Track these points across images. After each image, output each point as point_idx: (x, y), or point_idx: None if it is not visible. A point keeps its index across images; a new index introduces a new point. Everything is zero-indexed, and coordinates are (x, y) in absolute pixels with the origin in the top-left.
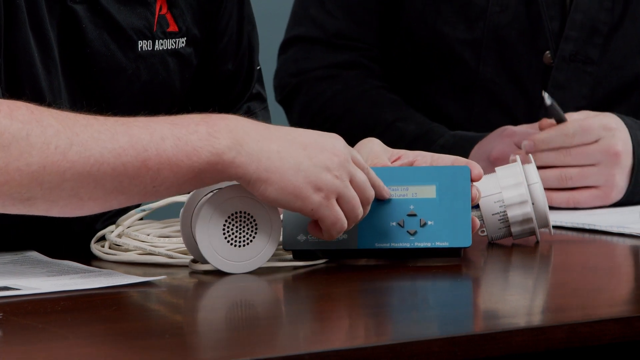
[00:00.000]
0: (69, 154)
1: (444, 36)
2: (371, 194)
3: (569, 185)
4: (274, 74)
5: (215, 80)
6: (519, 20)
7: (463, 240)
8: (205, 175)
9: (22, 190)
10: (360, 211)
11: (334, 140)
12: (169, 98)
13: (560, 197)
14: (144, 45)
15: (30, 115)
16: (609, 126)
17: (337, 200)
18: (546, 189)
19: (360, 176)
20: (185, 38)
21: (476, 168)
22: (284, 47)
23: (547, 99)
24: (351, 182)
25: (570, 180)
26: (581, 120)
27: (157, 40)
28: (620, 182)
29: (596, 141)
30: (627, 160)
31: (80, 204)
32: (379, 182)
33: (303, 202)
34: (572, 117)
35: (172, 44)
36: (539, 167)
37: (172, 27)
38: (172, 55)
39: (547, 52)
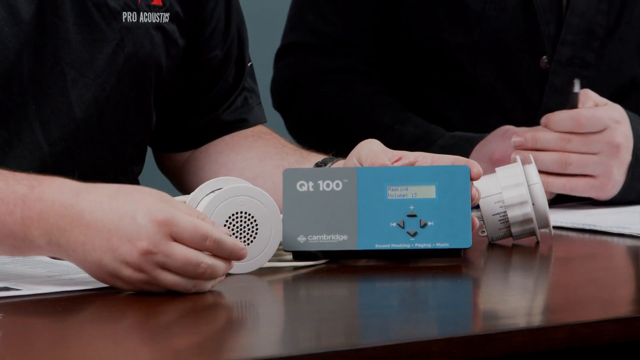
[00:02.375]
0: None
1: (441, 41)
2: (194, 271)
3: (568, 171)
4: (271, 81)
5: (205, 67)
6: (516, 25)
7: (463, 241)
8: (29, 252)
9: None
10: (187, 288)
11: (145, 227)
12: (155, 74)
13: (556, 182)
14: (128, 16)
15: None
16: (615, 118)
17: (154, 282)
18: (543, 173)
19: (174, 261)
20: (168, 14)
21: (475, 167)
22: (281, 54)
23: (577, 87)
24: (165, 267)
25: (570, 166)
26: (593, 109)
27: (141, 13)
28: (617, 176)
29: (600, 131)
30: (626, 154)
31: None
32: (228, 248)
33: (115, 286)
34: (583, 103)
35: (156, 18)
36: (540, 150)
37: (156, 1)
38: (157, 29)
39: (544, 57)
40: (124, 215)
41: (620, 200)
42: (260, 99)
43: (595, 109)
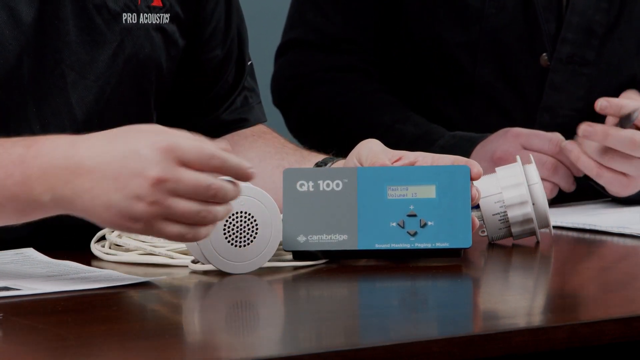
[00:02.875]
0: None
1: (441, 39)
2: (206, 194)
3: (635, 154)
4: (271, 78)
5: (206, 67)
6: (516, 23)
7: (463, 240)
8: (33, 214)
9: None
10: (202, 215)
11: (150, 157)
12: (155, 75)
13: (590, 164)
14: (128, 18)
15: None
16: None
17: (168, 219)
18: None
19: (185, 186)
20: (169, 14)
21: (475, 167)
22: (281, 51)
23: (636, 113)
24: (177, 194)
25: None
26: None
27: (141, 14)
28: None
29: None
30: None
31: None
32: (235, 167)
33: (128, 231)
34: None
35: (156, 19)
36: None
37: (156, 2)
38: (157, 30)
39: (544, 54)
40: (126, 152)
41: (632, 201)
42: (260, 97)
43: None
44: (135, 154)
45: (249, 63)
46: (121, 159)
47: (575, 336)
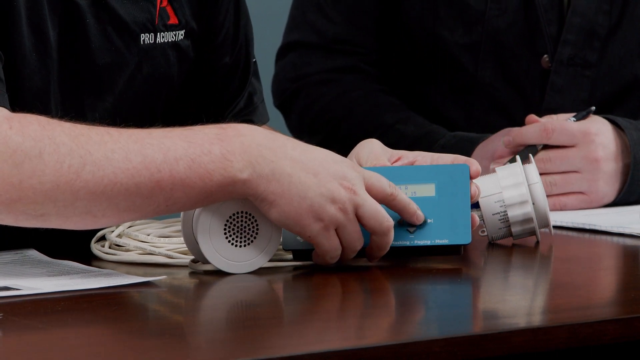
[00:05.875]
0: (82, 173)
1: (442, 40)
2: (381, 223)
3: (555, 192)
4: (272, 79)
5: (215, 75)
6: (517, 24)
7: (463, 237)
8: (217, 195)
9: (37, 207)
10: (358, 244)
11: (347, 169)
12: (167, 90)
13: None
14: (146, 38)
15: (42, 132)
16: (588, 132)
17: (337, 231)
18: None
19: (369, 207)
20: (184, 30)
21: (474, 165)
22: (282, 52)
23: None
24: (358, 212)
25: (555, 187)
26: (562, 122)
27: (158, 33)
28: (605, 188)
29: (575, 146)
30: (608, 165)
31: (94, 220)
32: (406, 204)
33: (302, 229)
34: (558, 116)
35: (172, 37)
36: None
37: (173, 20)
38: (173, 48)
39: (545, 55)
40: (327, 157)
41: (620, 202)
42: (262, 95)
43: (566, 122)
44: (335, 163)
45: (253, 60)
46: (322, 161)
47: (575, 336)
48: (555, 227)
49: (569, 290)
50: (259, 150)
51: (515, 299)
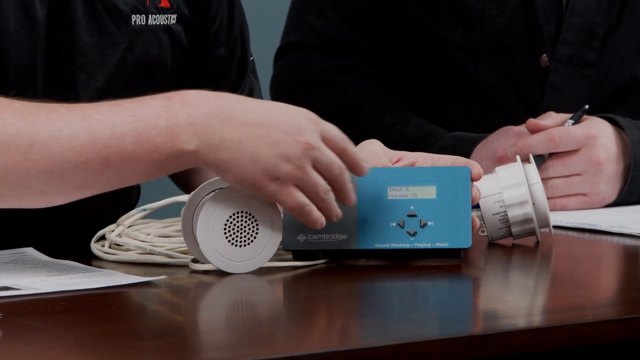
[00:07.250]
0: (30, 153)
1: (442, 40)
2: (338, 173)
3: (556, 195)
4: (270, 80)
5: (210, 66)
6: (517, 24)
7: (463, 241)
8: (168, 168)
9: None
10: (324, 195)
11: (303, 122)
12: (161, 76)
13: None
14: (137, 19)
15: None
16: (590, 134)
17: (298, 186)
18: None
19: (326, 158)
20: (175, 15)
21: (476, 167)
22: (281, 53)
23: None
24: (315, 165)
25: (557, 190)
26: (566, 127)
27: (150, 15)
28: (606, 189)
29: (577, 150)
30: (610, 167)
31: (48, 198)
32: (355, 159)
33: (259, 190)
34: (556, 115)
35: (164, 20)
36: None
37: (164, 3)
38: (165, 31)
39: (544, 55)
40: (280, 113)
41: (621, 203)
42: (262, 94)
43: (569, 127)
44: (290, 117)
45: (250, 59)
46: (274, 118)
47: (575, 336)
48: (555, 227)
49: (569, 290)
50: (206, 120)
51: (515, 299)
